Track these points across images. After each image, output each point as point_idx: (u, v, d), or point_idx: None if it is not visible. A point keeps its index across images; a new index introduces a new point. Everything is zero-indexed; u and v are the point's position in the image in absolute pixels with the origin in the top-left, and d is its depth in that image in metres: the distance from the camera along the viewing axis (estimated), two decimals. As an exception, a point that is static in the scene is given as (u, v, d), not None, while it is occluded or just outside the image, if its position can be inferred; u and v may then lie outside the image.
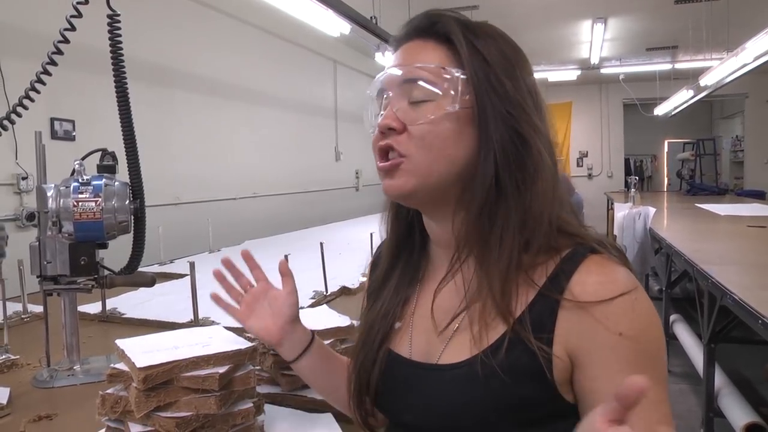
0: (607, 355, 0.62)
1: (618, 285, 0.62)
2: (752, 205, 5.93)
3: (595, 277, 0.63)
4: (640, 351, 0.61)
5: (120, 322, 1.70)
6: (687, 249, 3.03)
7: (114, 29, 1.20)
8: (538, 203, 0.67)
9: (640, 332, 0.62)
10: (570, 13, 6.39)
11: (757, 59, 4.51)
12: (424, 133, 0.68)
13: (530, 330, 0.63)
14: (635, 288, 0.63)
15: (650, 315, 0.63)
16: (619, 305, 0.62)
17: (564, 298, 0.63)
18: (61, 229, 1.19)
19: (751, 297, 1.93)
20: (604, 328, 0.61)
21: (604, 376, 0.62)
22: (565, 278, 0.63)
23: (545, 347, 0.62)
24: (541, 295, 0.64)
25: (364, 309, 0.85)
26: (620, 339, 0.61)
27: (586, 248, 0.66)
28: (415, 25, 0.72)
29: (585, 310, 0.62)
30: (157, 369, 0.78)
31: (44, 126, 2.81)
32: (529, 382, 0.63)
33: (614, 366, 0.61)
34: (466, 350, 0.66)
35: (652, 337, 0.63)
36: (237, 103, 4.46)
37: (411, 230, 0.80)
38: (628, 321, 0.61)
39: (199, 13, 3.97)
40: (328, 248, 2.11)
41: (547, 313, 0.63)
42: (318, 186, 5.69)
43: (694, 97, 7.45)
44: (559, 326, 0.63)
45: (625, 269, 0.65)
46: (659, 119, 9.99)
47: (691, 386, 3.68)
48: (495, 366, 0.63)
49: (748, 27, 4.88)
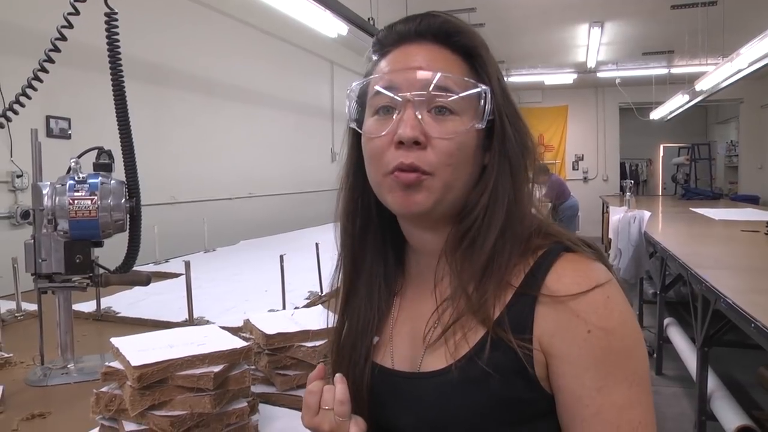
0: (575, 352, 0.61)
1: (591, 279, 0.62)
2: (746, 209, 5.95)
3: (570, 272, 0.63)
4: (610, 348, 0.60)
5: (115, 321, 1.69)
6: (681, 253, 3.04)
7: (111, 27, 1.20)
8: (522, 207, 0.69)
9: (611, 329, 0.61)
10: (567, 16, 6.40)
11: (752, 65, 4.54)
12: (451, 149, 0.65)
13: (509, 329, 0.62)
14: (608, 282, 0.63)
15: (623, 311, 0.62)
16: (590, 300, 0.61)
17: (541, 294, 0.63)
18: (56, 227, 1.19)
19: (744, 301, 1.94)
20: (576, 323, 0.61)
21: (571, 373, 0.61)
22: (541, 275, 0.64)
23: (526, 345, 0.62)
24: (518, 295, 0.64)
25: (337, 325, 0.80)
26: (589, 335, 0.60)
27: (561, 246, 0.66)
28: (431, 29, 0.69)
29: (562, 305, 0.62)
30: (151, 367, 0.78)
31: (40, 124, 2.81)
32: (513, 381, 0.62)
33: (581, 363, 0.61)
34: (447, 356, 0.66)
35: (623, 334, 0.61)
36: (234, 103, 4.45)
37: (384, 241, 0.78)
38: (597, 316, 0.61)
39: (197, 12, 3.97)
40: (324, 249, 2.11)
41: (525, 312, 0.63)
42: (314, 186, 5.68)
43: (690, 102, 7.48)
44: (537, 322, 0.62)
45: (599, 264, 0.65)
46: (655, 123, 10.03)
47: (684, 389, 3.69)
48: (476, 370, 0.62)
49: (743, 32, 4.91)
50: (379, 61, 0.72)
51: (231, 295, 1.98)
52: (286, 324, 1.07)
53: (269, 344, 1.04)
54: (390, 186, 0.67)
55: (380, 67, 0.70)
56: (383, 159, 0.67)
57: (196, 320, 1.58)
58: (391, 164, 0.66)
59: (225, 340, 0.90)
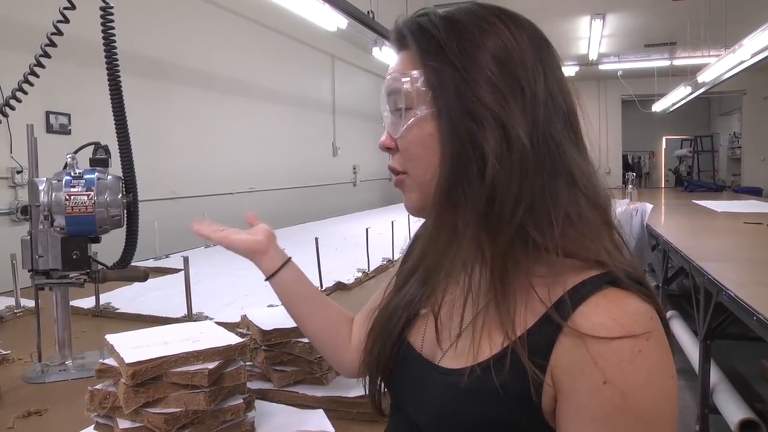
0: (584, 399, 0.54)
1: (624, 326, 0.54)
2: (749, 201, 5.94)
3: (603, 311, 0.55)
4: (626, 408, 0.52)
5: (114, 317, 1.69)
6: (683, 245, 3.03)
7: (107, 22, 1.19)
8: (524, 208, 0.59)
9: (632, 387, 0.52)
10: (568, 8, 6.38)
11: (755, 56, 4.51)
12: (406, 145, 0.66)
13: (527, 351, 0.57)
14: (645, 335, 0.54)
15: (654, 371, 0.54)
16: (616, 349, 0.53)
17: (566, 325, 0.55)
18: (53, 223, 1.19)
19: (746, 293, 1.93)
20: (592, 370, 0.53)
21: (573, 419, 0.55)
22: (572, 305, 0.56)
23: (538, 372, 0.56)
24: (544, 319, 0.58)
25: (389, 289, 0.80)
26: (604, 387, 0.53)
27: (605, 278, 0.57)
28: (395, 39, 0.70)
29: (582, 342, 0.54)
30: (145, 364, 0.77)
31: (40, 119, 2.80)
32: (517, 406, 0.58)
33: (588, 413, 0.54)
34: (464, 358, 0.63)
35: (646, 396, 0.53)
36: (234, 98, 4.44)
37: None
38: (619, 370, 0.53)
39: (197, 6, 3.95)
40: (325, 243, 2.10)
41: (546, 338, 0.57)
42: (315, 181, 5.67)
43: (692, 94, 7.46)
44: (555, 353, 0.56)
45: (644, 310, 0.56)
46: (657, 116, 10.01)
47: (687, 382, 3.69)
48: (486, 382, 0.59)
49: (746, 23, 4.87)
50: None
51: (231, 290, 1.97)
52: (283, 319, 1.07)
53: (266, 340, 1.04)
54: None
55: None
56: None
57: (195, 316, 1.58)
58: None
59: (220, 336, 0.89)
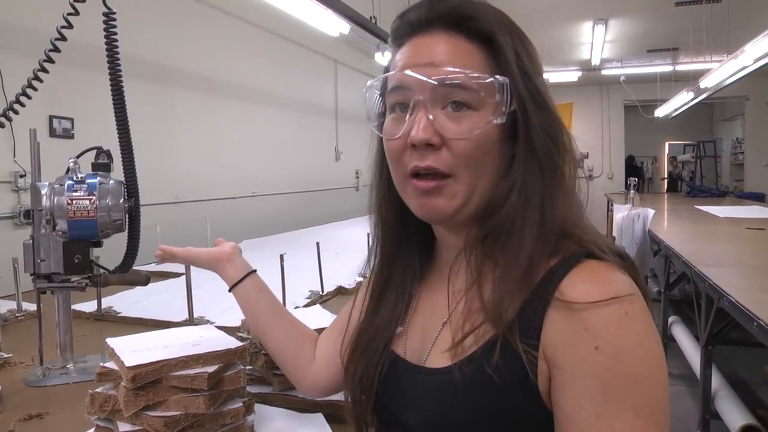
0: (577, 368, 0.55)
1: (608, 290, 0.55)
2: (752, 207, 5.92)
3: (586, 279, 0.57)
4: (618, 372, 0.53)
5: (116, 320, 1.69)
6: (685, 251, 3.03)
7: (110, 27, 1.20)
8: (554, 207, 0.63)
9: (622, 350, 0.54)
10: (571, 14, 6.38)
11: (757, 62, 4.51)
12: (468, 149, 0.61)
13: (518, 333, 0.57)
14: (629, 297, 0.56)
15: (642, 333, 0.55)
16: (604, 313, 0.55)
17: (554, 297, 0.57)
18: (54, 227, 1.19)
19: (747, 299, 1.93)
20: (583, 337, 0.55)
21: (570, 391, 0.55)
22: (557, 279, 0.58)
23: (532, 351, 0.57)
24: (532, 296, 0.59)
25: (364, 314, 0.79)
26: (596, 353, 0.54)
27: (585, 251, 0.60)
28: (442, 16, 0.63)
29: (572, 313, 0.56)
30: (146, 368, 0.77)
31: (43, 124, 2.81)
32: (514, 392, 0.58)
33: (582, 382, 0.54)
34: (450, 354, 0.62)
35: (637, 358, 0.54)
36: (237, 102, 4.46)
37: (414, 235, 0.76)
38: (609, 334, 0.54)
39: (200, 11, 3.97)
40: (327, 248, 2.11)
41: (536, 315, 0.58)
42: (317, 186, 5.68)
43: (695, 99, 7.45)
44: (545, 328, 0.57)
45: (624, 276, 0.58)
46: (660, 121, 9.99)
47: (689, 388, 3.67)
48: (479, 373, 0.59)
49: (748, 29, 4.88)
50: (395, 54, 0.69)
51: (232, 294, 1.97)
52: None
53: (266, 344, 1.04)
54: (410, 192, 0.66)
55: (395, 62, 0.68)
56: (402, 161, 0.65)
57: (196, 320, 1.58)
58: (409, 166, 0.64)
59: (220, 340, 0.89)
